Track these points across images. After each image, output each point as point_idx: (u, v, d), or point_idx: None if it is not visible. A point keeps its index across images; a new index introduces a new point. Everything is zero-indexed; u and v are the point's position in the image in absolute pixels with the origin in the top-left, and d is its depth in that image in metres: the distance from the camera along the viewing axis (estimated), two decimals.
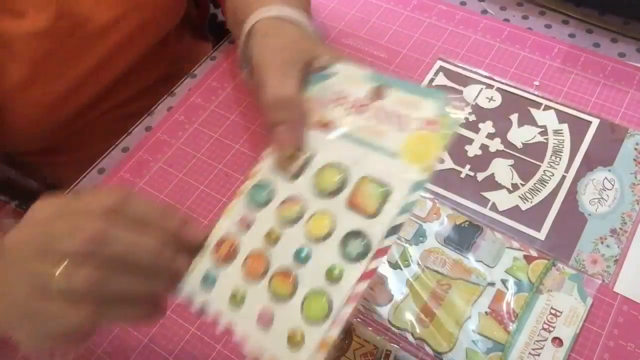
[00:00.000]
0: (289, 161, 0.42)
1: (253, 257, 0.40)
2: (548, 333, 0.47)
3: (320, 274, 0.37)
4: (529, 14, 0.70)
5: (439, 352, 0.47)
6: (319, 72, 0.45)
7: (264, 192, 0.42)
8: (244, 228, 0.41)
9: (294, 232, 0.39)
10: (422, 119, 0.39)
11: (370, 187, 0.39)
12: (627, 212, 0.53)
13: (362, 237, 0.37)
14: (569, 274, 0.49)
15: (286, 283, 0.38)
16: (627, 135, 0.57)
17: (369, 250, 0.37)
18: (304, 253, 0.38)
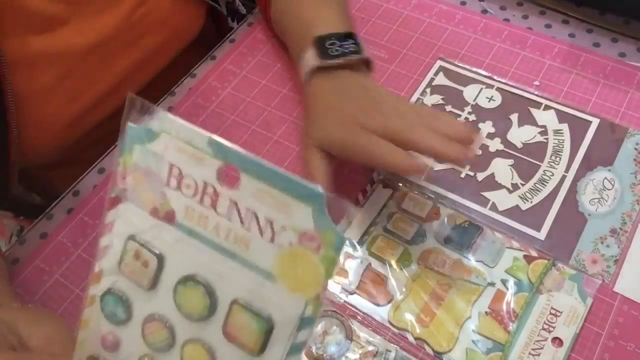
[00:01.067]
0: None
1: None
2: (548, 333, 0.47)
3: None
4: (529, 14, 0.70)
5: (439, 352, 0.47)
6: (136, 124, 0.32)
7: (119, 307, 0.33)
8: (110, 349, 0.34)
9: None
10: (296, 231, 0.28)
11: (245, 318, 0.30)
12: (627, 212, 0.53)
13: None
14: (569, 274, 0.49)
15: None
16: (627, 135, 0.57)
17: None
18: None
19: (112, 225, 0.33)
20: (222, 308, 0.31)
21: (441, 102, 0.62)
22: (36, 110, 0.58)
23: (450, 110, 0.61)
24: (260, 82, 0.67)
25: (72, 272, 0.54)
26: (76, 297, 0.52)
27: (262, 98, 0.65)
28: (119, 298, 0.33)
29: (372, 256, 0.52)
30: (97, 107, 0.63)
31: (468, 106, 0.61)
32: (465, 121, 0.41)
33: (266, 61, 0.69)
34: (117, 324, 0.34)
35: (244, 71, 0.68)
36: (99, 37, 0.61)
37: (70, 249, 0.56)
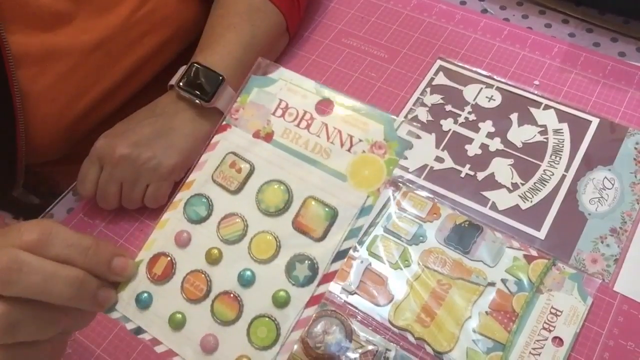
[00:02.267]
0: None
1: (193, 276, 0.38)
2: (548, 332, 0.47)
3: (266, 298, 0.37)
4: (529, 14, 0.70)
5: (440, 352, 0.47)
6: (259, 75, 0.43)
7: (202, 207, 0.40)
8: (181, 244, 0.39)
9: (237, 252, 0.38)
10: (369, 142, 0.39)
11: (316, 209, 0.38)
12: (627, 211, 0.53)
13: (309, 261, 0.37)
14: (569, 274, 0.49)
15: (231, 306, 0.37)
16: (627, 134, 0.57)
17: (316, 274, 0.36)
18: (248, 275, 0.37)
19: (216, 145, 0.41)
20: (296, 203, 0.39)
21: (441, 102, 0.62)
22: (42, 107, 0.58)
23: (450, 109, 0.61)
24: None
25: None
26: None
27: None
28: (205, 199, 0.40)
29: (373, 256, 0.52)
30: (102, 104, 0.63)
31: (468, 106, 0.61)
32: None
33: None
34: (195, 222, 0.40)
35: None
36: (104, 34, 0.61)
37: None
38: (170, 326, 0.37)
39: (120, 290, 0.38)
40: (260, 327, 0.36)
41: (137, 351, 0.49)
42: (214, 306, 0.37)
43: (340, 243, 0.37)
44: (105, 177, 0.55)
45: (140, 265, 0.39)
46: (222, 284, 0.38)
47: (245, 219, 0.39)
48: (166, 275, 0.38)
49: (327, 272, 0.36)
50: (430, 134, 0.60)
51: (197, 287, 0.38)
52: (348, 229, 0.37)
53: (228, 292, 0.37)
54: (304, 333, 0.47)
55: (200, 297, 0.37)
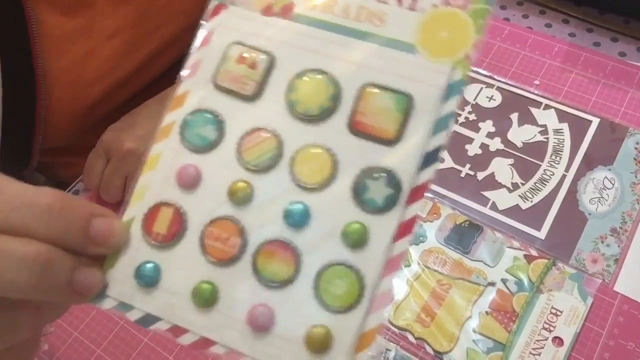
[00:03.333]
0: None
1: (216, 227, 0.27)
2: (548, 332, 0.47)
3: (332, 239, 0.26)
4: (529, 13, 0.70)
5: (440, 352, 0.47)
6: None
7: (208, 127, 0.29)
8: (187, 185, 0.28)
9: (274, 181, 0.27)
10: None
11: (379, 100, 0.27)
12: (627, 211, 0.53)
13: (386, 174, 0.26)
14: (569, 274, 0.49)
15: (283, 259, 0.26)
16: (628, 134, 0.57)
17: (400, 191, 0.26)
18: (299, 210, 0.27)
19: (210, 36, 0.30)
20: (348, 97, 0.27)
21: None
22: (60, 89, 0.58)
23: None
24: None
25: None
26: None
27: None
28: (210, 116, 0.29)
29: None
30: (115, 93, 0.63)
31: (468, 105, 0.61)
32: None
33: None
34: (201, 150, 0.28)
35: None
36: (122, 22, 0.61)
37: None
38: (197, 303, 0.26)
39: (109, 266, 0.27)
40: (334, 281, 0.26)
41: (137, 351, 0.49)
42: (257, 264, 0.27)
43: (425, 141, 0.26)
44: (110, 170, 0.55)
45: (133, 225, 0.28)
46: (263, 229, 0.27)
47: (277, 132, 0.28)
48: (175, 233, 0.28)
49: (416, 184, 0.26)
50: None
51: (226, 241, 0.27)
52: (433, 119, 0.27)
53: (274, 240, 0.27)
54: None
55: (234, 254, 0.27)
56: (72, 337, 0.50)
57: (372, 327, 0.25)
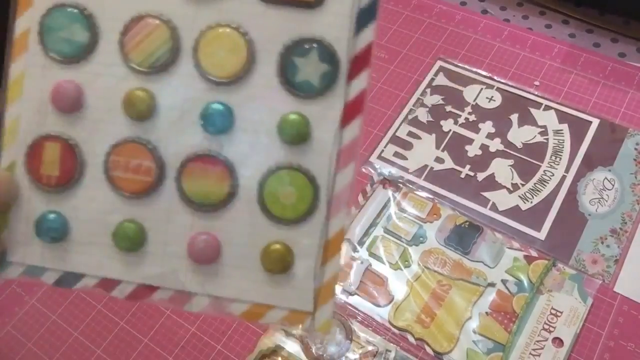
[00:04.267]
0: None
1: (119, 154, 0.22)
2: (548, 333, 0.47)
3: (268, 140, 0.22)
4: (529, 14, 0.70)
5: (440, 353, 0.47)
6: None
7: (75, 27, 0.22)
8: (68, 107, 0.22)
9: (179, 82, 0.22)
10: None
11: None
12: (627, 212, 0.53)
13: (316, 45, 0.22)
14: (569, 274, 0.49)
15: (214, 177, 0.22)
16: (628, 135, 0.57)
17: (337, 64, 0.22)
18: (218, 114, 0.21)
19: None
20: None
21: (441, 102, 0.62)
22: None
23: (450, 110, 0.61)
24: None
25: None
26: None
27: None
28: (73, 11, 0.22)
29: (373, 257, 0.52)
30: None
31: (468, 106, 0.61)
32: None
33: None
34: (75, 59, 0.22)
35: None
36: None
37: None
38: (122, 247, 0.22)
39: (2, 228, 0.23)
40: (282, 189, 0.21)
41: (137, 351, 0.49)
42: (183, 187, 0.22)
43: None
44: None
45: (15, 171, 0.23)
46: (180, 145, 0.22)
47: (167, 16, 0.22)
48: (70, 172, 0.22)
49: (356, 51, 0.22)
50: (431, 134, 0.60)
51: (138, 168, 0.22)
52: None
53: (197, 155, 0.22)
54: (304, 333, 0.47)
55: (152, 182, 0.22)
56: (72, 337, 0.50)
57: (336, 232, 0.22)
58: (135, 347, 0.50)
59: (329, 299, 0.22)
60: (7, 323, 0.50)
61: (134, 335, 0.50)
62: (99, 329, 0.51)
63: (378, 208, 0.55)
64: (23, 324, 0.50)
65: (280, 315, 0.22)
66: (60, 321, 0.50)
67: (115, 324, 0.51)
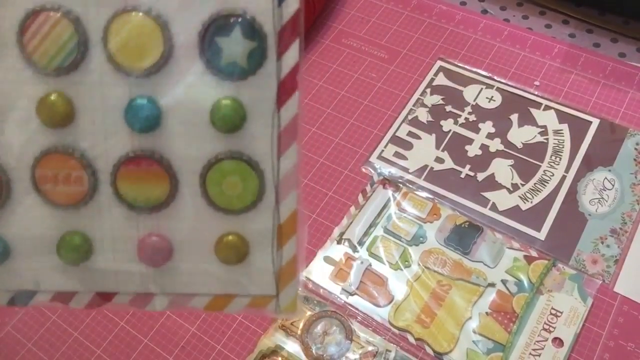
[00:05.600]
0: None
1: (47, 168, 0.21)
2: (548, 333, 0.47)
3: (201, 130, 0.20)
4: (529, 14, 0.70)
5: (440, 353, 0.47)
6: None
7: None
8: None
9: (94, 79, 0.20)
10: None
11: None
12: (627, 212, 0.53)
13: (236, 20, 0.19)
14: (569, 274, 0.49)
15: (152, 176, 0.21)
16: (628, 135, 0.57)
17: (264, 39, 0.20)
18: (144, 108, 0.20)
19: None
20: None
21: (441, 103, 0.62)
22: None
23: (450, 110, 0.61)
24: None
25: None
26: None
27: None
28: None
29: (373, 257, 0.52)
30: None
31: (468, 106, 0.61)
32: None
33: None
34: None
35: None
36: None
37: None
38: (70, 259, 0.21)
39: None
40: (225, 180, 0.21)
41: (137, 351, 0.49)
42: (120, 192, 0.21)
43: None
44: None
45: None
46: (109, 148, 0.20)
47: (68, 8, 0.20)
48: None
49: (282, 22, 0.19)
50: (431, 134, 0.60)
51: (68, 178, 0.21)
52: None
53: (127, 155, 0.21)
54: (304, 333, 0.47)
55: (86, 191, 0.21)
56: (72, 337, 0.50)
57: (288, 215, 0.21)
58: (135, 347, 0.50)
59: (292, 280, 0.21)
60: (7, 323, 0.50)
61: (134, 335, 0.50)
62: (99, 329, 0.51)
63: (378, 208, 0.55)
64: (23, 324, 0.50)
65: (244, 302, 0.21)
66: (60, 321, 0.50)
67: (115, 324, 0.51)
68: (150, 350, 0.49)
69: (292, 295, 0.21)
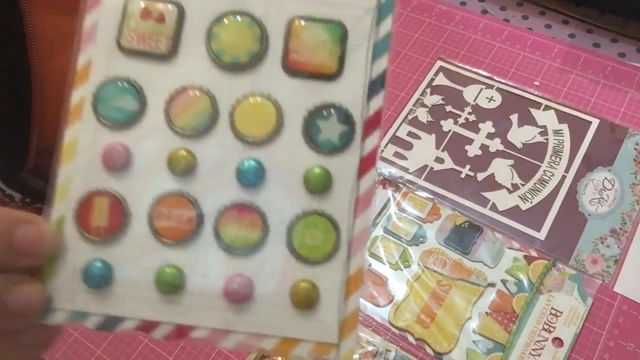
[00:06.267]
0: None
1: (163, 206, 0.25)
2: (548, 333, 0.47)
3: (296, 190, 0.25)
4: (529, 14, 0.70)
5: (440, 353, 0.47)
6: None
7: (126, 97, 0.26)
8: (117, 166, 0.25)
9: (218, 143, 0.25)
10: None
11: (311, 33, 0.25)
12: (627, 212, 0.53)
13: (335, 110, 0.25)
14: (569, 274, 0.50)
15: (247, 222, 0.25)
16: (627, 135, 0.57)
17: (353, 126, 0.25)
18: (252, 169, 0.25)
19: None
20: (276, 35, 0.25)
21: (441, 102, 0.62)
22: (55, 89, 0.59)
23: (450, 110, 0.61)
24: None
25: None
26: None
27: None
28: (126, 85, 0.26)
29: (373, 257, 0.52)
30: None
31: (468, 106, 0.61)
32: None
33: None
34: (124, 125, 0.26)
35: None
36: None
37: None
38: (163, 290, 0.24)
39: (49, 276, 0.24)
40: (308, 233, 0.25)
41: (137, 351, 0.49)
42: (220, 234, 0.25)
43: (368, 68, 0.25)
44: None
45: (64, 224, 0.25)
46: (217, 197, 0.25)
47: (206, 88, 0.25)
48: (118, 223, 0.25)
49: (369, 115, 0.25)
50: (431, 134, 0.60)
51: (180, 217, 0.25)
52: (371, 44, 0.25)
53: (232, 204, 0.25)
54: None
55: (191, 230, 0.25)
56: (72, 337, 0.50)
57: (356, 269, 0.25)
58: (135, 347, 0.50)
59: (352, 331, 0.24)
60: None
61: (134, 336, 0.50)
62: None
63: (378, 208, 0.55)
64: None
65: (308, 348, 0.24)
66: None
67: None
68: (151, 351, 0.49)
69: (351, 346, 0.24)
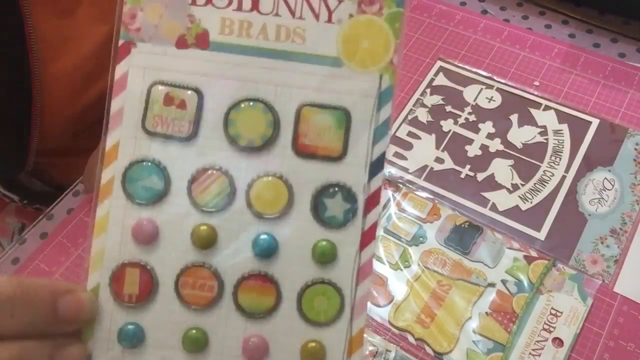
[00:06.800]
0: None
1: (189, 276, 0.28)
2: (548, 333, 0.47)
3: (304, 261, 0.28)
4: (529, 14, 0.70)
5: (440, 353, 0.47)
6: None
7: (152, 177, 0.28)
8: (146, 240, 0.28)
9: (236, 219, 0.28)
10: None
11: (319, 119, 0.28)
12: (627, 212, 0.53)
13: (340, 189, 0.28)
14: (569, 274, 0.50)
15: (263, 290, 0.28)
16: (627, 135, 0.57)
17: (356, 203, 0.28)
18: (266, 241, 0.28)
19: (125, 79, 0.29)
20: (287, 121, 0.28)
21: (441, 103, 0.62)
22: (56, 91, 0.59)
23: (450, 110, 0.61)
24: None
25: (72, 272, 0.54)
26: None
27: None
28: (151, 165, 0.28)
29: None
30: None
31: (468, 106, 0.61)
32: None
33: None
34: (152, 202, 0.28)
35: None
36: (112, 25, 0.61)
37: (71, 249, 0.56)
38: (189, 350, 0.28)
39: (88, 338, 0.28)
40: (316, 299, 0.28)
41: None
42: (239, 300, 0.28)
43: (369, 151, 0.28)
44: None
45: (100, 291, 0.28)
46: (235, 267, 0.28)
47: (225, 169, 0.28)
48: (148, 292, 0.28)
49: (370, 193, 0.28)
50: (430, 134, 0.60)
51: (203, 286, 0.28)
52: (372, 129, 0.28)
53: (249, 273, 0.28)
54: None
55: (213, 297, 0.28)
56: None
57: (357, 330, 0.28)
58: None
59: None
60: None
61: None
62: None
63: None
64: None
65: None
66: None
67: None
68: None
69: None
